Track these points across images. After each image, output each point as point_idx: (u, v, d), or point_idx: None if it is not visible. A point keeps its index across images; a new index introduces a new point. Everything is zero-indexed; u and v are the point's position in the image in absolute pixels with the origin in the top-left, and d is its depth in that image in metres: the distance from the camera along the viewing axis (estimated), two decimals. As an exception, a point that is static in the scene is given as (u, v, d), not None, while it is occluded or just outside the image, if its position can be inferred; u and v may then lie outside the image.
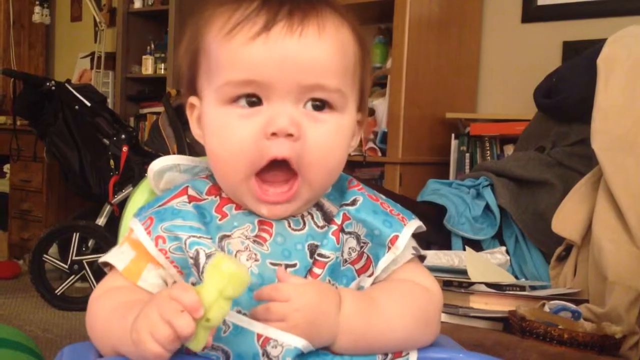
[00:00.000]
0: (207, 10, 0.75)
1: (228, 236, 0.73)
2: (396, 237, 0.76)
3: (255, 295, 0.69)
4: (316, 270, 0.73)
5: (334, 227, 0.75)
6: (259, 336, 0.67)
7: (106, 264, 0.77)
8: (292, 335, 0.67)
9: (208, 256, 0.70)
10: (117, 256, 0.75)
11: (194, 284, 0.71)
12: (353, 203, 0.77)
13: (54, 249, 3.25)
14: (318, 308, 0.68)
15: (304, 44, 0.70)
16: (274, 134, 0.69)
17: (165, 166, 0.82)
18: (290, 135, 0.69)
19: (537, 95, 2.23)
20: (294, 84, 0.70)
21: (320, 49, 0.70)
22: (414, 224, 0.79)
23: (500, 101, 3.01)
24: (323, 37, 0.71)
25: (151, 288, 0.73)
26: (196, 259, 0.70)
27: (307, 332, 0.67)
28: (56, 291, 3.14)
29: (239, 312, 0.69)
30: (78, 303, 3.13)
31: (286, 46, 0.69)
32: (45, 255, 3.15)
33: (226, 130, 0.72)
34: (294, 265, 0.73)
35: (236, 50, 0.70)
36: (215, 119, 0.73)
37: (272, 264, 0.72)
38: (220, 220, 0.74)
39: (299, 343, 0.67)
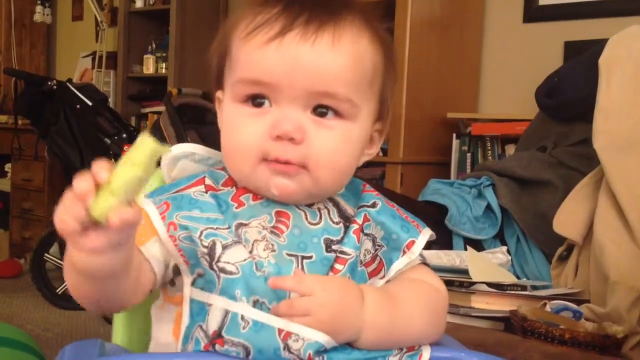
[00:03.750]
0: (238, 13, 0.78)
1: (245, 225, 0.74)
2: (412, 242, 0.78)
3: (273, 282, 0.68)
4: (337, 266, 0.74)
5: (356, 227, 0.76)
6: (280, 331, 0.68)
7: None
8: (314, 330, 0.67)
9: (224, 247, 0.71)
10: None
11: (200, 275, 0.71)
12: (373, 205, 0.79)
13: (55, 248, 3.25)
14: (342, 303, 0.69)
15: (316, 52, 0.71)
16: (278, 137, 0.71)
17: (181, 153, 0.82)
18: (293, 139, 0.71)
19: (539, 95, 2.23)
20: (302, 90, 0.71)
21: (332, 58, 0.71)
22: (428, 232, 0.81)
23: (501, 101, 3.01)
24: (337, 47, 0.72)
25: (152, 260, 0.72)
26: (212, 249, 0.71)
27: (331, 328, 0.68)
28: (57, 290, 3.14)
29: (256, 301, 0.69)
30: (79, 302, 3.13)
31: (298, 53, 0.70)
32: (46, 254, 3.15)
33: (236, 126, 0.74)
34: (310, 257, 0.73)
35: (251, 52, 0.72)
36: (228, 115, 0.75)
37: (288, 254, 0.73)
38: (236, 208, 0.75)
39: (321, 338, 0.68)
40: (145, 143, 0.59)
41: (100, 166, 0.57)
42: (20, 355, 1.47)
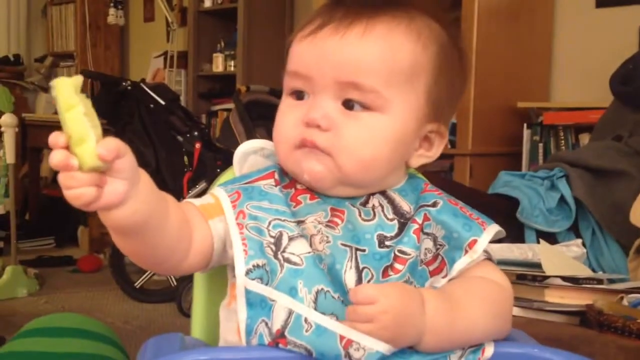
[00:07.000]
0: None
1: (302, 222, 0.76)
2: (475, 241, 0.78)
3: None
4: (398, 265, 0.75)
5: (415, 226, 0.77)
6: (342, 338, 0.69)
7: None
8: (374, 339, 0.68)
9: (290, 239, 0.74)
10: (194, 199, 0.79)
11: (257, 266, 0.73)
12: (434, 205, 0.79)
13: (132, 243, 3.35)
14: (405, 309, 0.69)
15: (344, 43, 0.75)
16: (307, 124, 0.76)
17: (251, 149, 0.86)
18: (319, 126, 0.75)
19: (613, 82, 2.17)
20: (330, 80, 0.76)
21: (359, 49, 0.75)
22: (493, 229, 0.80)
23: (574, 89, 2.94)
24: (366, 38, 0.75)
25: (215, 234, 0.76)
26: (279, 239, 0.74)
27: (394, 334, 0.68)
28: (135, 284, 3.24)
29: (319, 290, 0.71)
30: (156, 295, 3.23)
31: (326, 45, 0.76)
32: (124, 249, 3.25)
33: (280, 116, 0.81)
34: (363, 251, 0.75)
35: (294, 47, 0.80)
36: (280, 106, 0.82)
37: (343, 244, 0.75)
38: (294, 207, 0.78)
39: (382, 347, 0.68)
40: (61, 86, 0.59)
41: (52, 137, 0.59)
42: (102, 347, 1.54)
